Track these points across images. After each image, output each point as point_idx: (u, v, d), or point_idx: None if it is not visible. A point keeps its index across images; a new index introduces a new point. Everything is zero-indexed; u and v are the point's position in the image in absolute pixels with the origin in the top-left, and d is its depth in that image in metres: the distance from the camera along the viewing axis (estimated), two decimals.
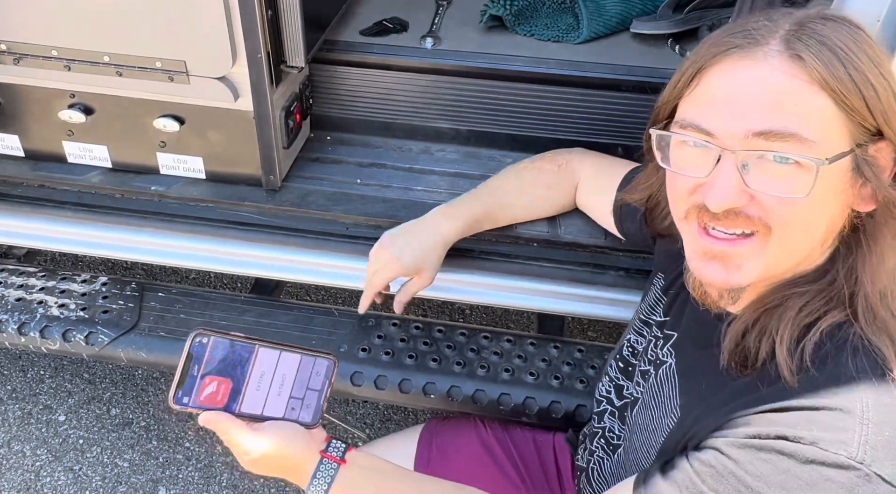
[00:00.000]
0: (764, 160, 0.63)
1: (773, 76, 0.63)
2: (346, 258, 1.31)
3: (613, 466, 0.94)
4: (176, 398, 0.77)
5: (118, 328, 1.24)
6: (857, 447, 0.61)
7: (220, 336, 0.78)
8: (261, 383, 0.79)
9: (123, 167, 1.34)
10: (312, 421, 0.81)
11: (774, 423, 0.64)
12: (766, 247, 0.67)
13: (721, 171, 0.65)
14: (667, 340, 0.86)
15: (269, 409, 0.80)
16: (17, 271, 1.36)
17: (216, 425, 0.78)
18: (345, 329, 1.25)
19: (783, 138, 0.62)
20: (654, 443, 0.81)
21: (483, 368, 1.19)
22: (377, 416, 1.85)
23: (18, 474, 1.70)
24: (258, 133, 1.24)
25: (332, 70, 1.39)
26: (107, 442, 1.77)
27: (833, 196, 0.66)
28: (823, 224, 0.67)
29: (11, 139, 1.34)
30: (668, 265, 0.93)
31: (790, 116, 0.62)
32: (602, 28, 1.43)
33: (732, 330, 0.71)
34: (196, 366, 0.77)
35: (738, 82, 0.64)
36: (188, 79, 1.18)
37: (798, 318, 0.68)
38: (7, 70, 1.23)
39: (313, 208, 1.30)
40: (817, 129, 0.62)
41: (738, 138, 0.64)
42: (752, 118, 0.63)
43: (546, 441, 1.15)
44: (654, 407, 0.83)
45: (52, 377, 1.90)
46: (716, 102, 0.65)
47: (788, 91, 0.62)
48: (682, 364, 0.82)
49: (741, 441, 0.65)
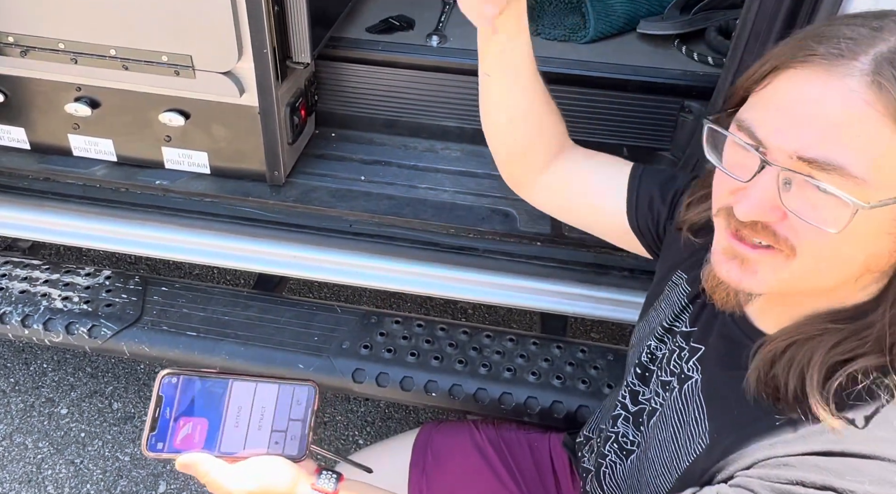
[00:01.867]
0: (808, 184, 0.58)
1: (846, 99, 0.56)
2: (349, 255, 1.31)
3: (627, 470, 0.91)
4: (150, 445, 0.72)
5: (121, 321, 1.24)
6: None
7: (189, 375, 0.74)
8: (239, 419, 0.74)
9: (128, 161, 1.34)
10: (300, 454, 0.76)
11: (820, 470, 0.59)
12: (787, 266, 0.63)
13: (760, 181, 0.61)
14: (693, 353, 0.83)
15: (251, 445, 0.75)
16: (22, 264, 1.36)
17: (194, 467, 0.72)
18: (347, 326, 1.25)
19: (827, 170, 0.57)
20: (675, 463, 0.78)
21: (485, 367, 1.19)
22: (378, 414, 1.85)
23: (20, 466, 1.71)
24: (263, 129, 1.24)
25: (337, 67, 1.39)
26: (108, 436, 1.78)
27: (876, 237, 0.61)
28: (860, 260, 0.62)
29: (17, 132, 1.35)
30: (692, 268, 0.88)
31: (846, 148, 0.57)
32: (608, 28, 1.42)
33: (761, 355, 0.68)
34: (168, 409, 0.72)
35: (805, 95, 0.59)
36: (194, 73, 1.18)
37: (829, 355, 0.64)
38: (14, 63, 1.23)
39: (317, 205, 1.30)
40: (872, 168, 0.56)
41: (784, 156, 0.59)
42: (804, 140, 0.58)
43: (542, 444, 1.14)
44: (679, 426, 0.79)
45: (55, 371, 1.91)
46: (777, 111, 0.61)
47: (854, 120, 0.56)
48: (708, 385, 0.78)
49: (782, 488, 0.60)
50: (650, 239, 0.96)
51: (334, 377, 1.19)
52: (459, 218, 1.29)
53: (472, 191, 1.34)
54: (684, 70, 1.33)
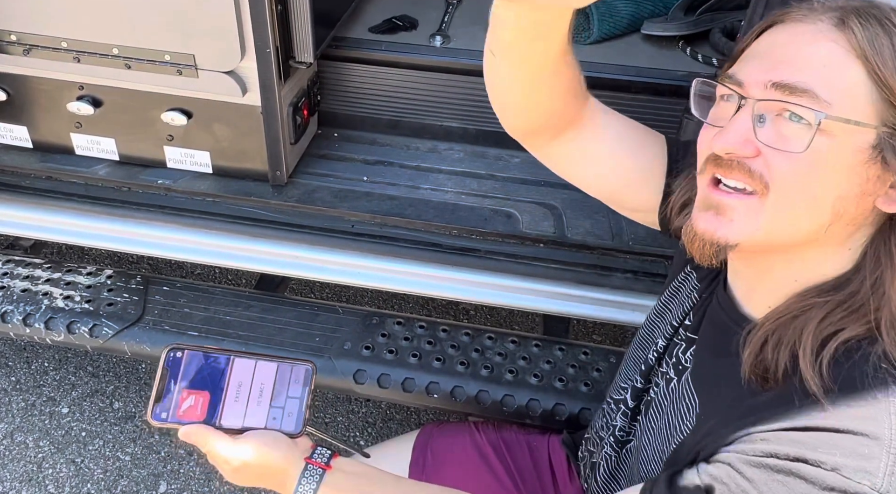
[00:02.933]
0: (781, 118, 0.63)
1: (815, 38, 0.63)
2: (351, 256, 1.31)
3: (620, 462, 0.93)
4: (154, 414, 0.76)
5: (122, 320, 1.24)
6: (882, 477, 0.58)
7: (194, 350, 0.78)
8: (239, 394, 0.79)
9: (131, 160, 1.34)
10: (296, 430, 0.79)
11: (794, 443, 0.61)
12: (763, 208, 0.65)
13: (736, 118, 0.65)
14: (689, 344, 0.84)
15: (250, 420, 0.78)
16: (24, 263, 1.36)
17: (195, 437, 0.76)
18: (349, 327, 1.25)
19: (796, 93, 0.62)
20: (664, 449, 0.80)
21: (487, 368, 1.19)
22: (379, 415, 1.84)
23: (21, 465, 1.70)
24: (265, 128, 1.24)
25: (340, 67, 1.39)
26: (109, 435, 1.77)
27: (843, 170, 0.63)
28: (828, 200, 0.64)
29: (20, 130, 1.35)
30: (701, 266, 0.86)
31: (813, 73, 0.62)
32: (612, 29, 1.42)
33: (752, 340, 0.69)
34: (172, 381, 0.77)
35: (782, 40, 0.66)
36: (196, 72, 1.17)
37: (819, 329, 0.65)
38: (16, 61, 1.23)
39: (319, 205, 1.30)
40: (837, 93, 0.61)
41: (758, 88, 0.64)
42: (775, 69, 0.64)
43: (541, 444, 1.14)
44: (671, 412, 0.81)
45: (56, 370, 1.91)
46: (755, 57, 0.67)
47: (821, 52, 0.62)
48: (699, 371, 0.80)
49: (757, 460, 0.62)
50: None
51: (336, 377, 1.19)
52: (462, 219, 1.29)
53: (475, 192, 1.34)
54: (688, 71, 1.33)
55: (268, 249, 1.32)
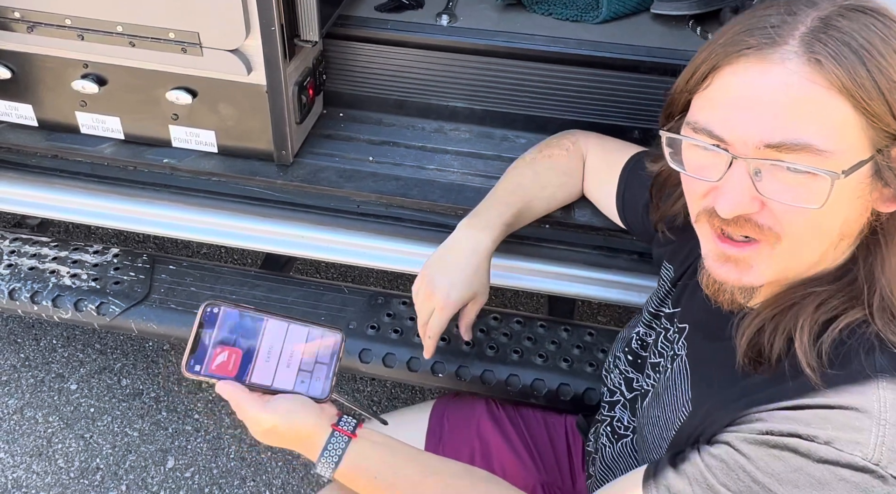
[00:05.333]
0: (778, 168, 0.61)
1: (790, 82, 0.59)
2: (356, 236, 1.31)
3: (616, 454, 0.95)
4: (188, 366, 0.78)
5: (129, 298, 1.25)
6: (873, 448, 0.60)
7: (230, 307, 0.80)
8: (270, 354, 0.81)
9: (136, 139, 1.34)
10: (322, 395, 0.82)
11: (789, 420, 0.63)
12: (774, 253, 0.66)
13: (732, 176, 0.63)
14: (680, 333, 0.85)
15: (279, 381, 0.81)
16: (31, 241, 1.36)
17: (230, 395, 0.79)
18: (354, 306, 1.25)
19: (795, 151, 0.60)
20: (666, 436, 0.81)
21: (492, 349, 1.19)
22: (384, 394, 1.86)
23: (31, 439, 1.73)
24: (271, 107, 1.23)
25: (345, 46, 1.38)
26: (117, 412, 1.79)
27: (849, 203, 0.64)
28: (837, 228, 0.65)
29: (25, 109, 1.34)
30: (674, 256, 0.92)
31: (805, 126, 0.59)
32: (622, 8, 1.40)
33: (747, 328, 0.70)
34: (207, 335, 0.79)
35: (752, 86, 0.61)
36: (201, 51, 1.17)
37: (816, 315, 0.67)
38: (21, 38, 1.22)
39: (324, 185, 1.29)
40: (834, 139, 0.60)
41: (750, 147, 0.62)
42: (764, 128, 0.60)
43: (557, 423, 1.15)
44: (667, 401, 0.82)
45: (65, 347, 1.92)
46: (728, 107, 0.63)
47: (805, 99, 0.59)
48: (693, 356, 0.81)
49: (754, 438, 0.64)
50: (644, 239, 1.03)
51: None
52: (468, 199, 1.28)
53: (481, 172, 1.33)
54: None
55: (273, 228, 1.32)
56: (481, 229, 1.06)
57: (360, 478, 0.79)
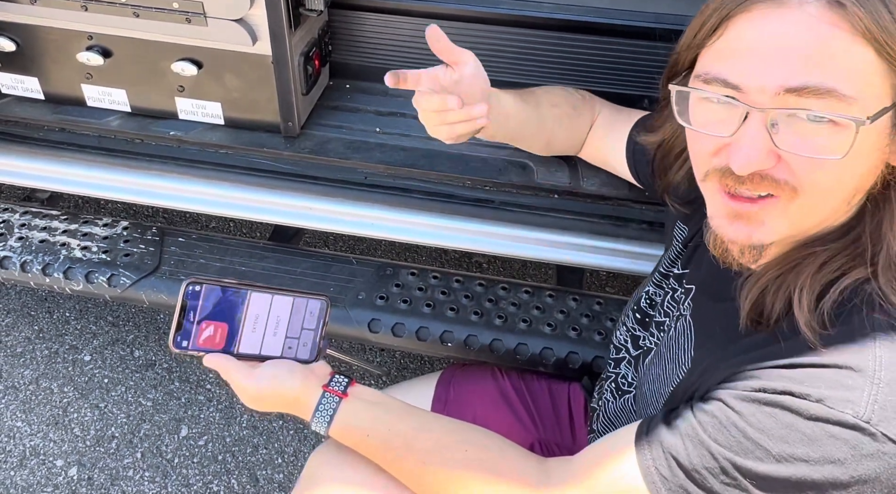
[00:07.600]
0: (796, 118, 0.59)
1: (810, 25, 0.57)
2: (364, 207, 1.30)
3: (618, 409, 0.96)
4: (175, 342, 0.81)
5: (139, 270, 1.26)
6: (864, 406, 0.60)
7: (211, 284, 0.82)
8: (256, 325, 0.83)
9: (142, 112, 1.34)
10: (310, 358, 0.85)
11: (782, 378, 0.63)
12: (790, 208, 0.64)
13: (748, 130, 0.60)
14: (687, 294, 0.85)
15: (267, 349, 0.84)
16: (41, 214, 1.37)
17: (217, 365, 0.82)
18: (363, 277, 1.26)
19: (819, 95, 0.57)
20: (664, 392, 0.82)
21: (500, 318, 1.20)
22: (394, 364, 1.88)
23: (47, 409, 1.76)
24: (276, 78, 1.22)
25: (351, 16, 1.36)
26: (131, 382, 1.82)
27: (868, 154, 0.62)
28: (853, 183, 0.64)
29: (31, 82, 1.34)
30: (688, 217, 0.91)
31: (828, 70, 0.57)
32: None
33: (751, 289, 0.70)
34: (192, 313, 0.81)
35: (770, 32, 0.58)
36: (206, 21, 1.16)
37: (819, 275, 0.66)
38: (25, 10, 1.21)
39: (332, 156, 1.29)
40: (857, 84, 0.57)
41: (768, 95, 0.59)
42: (784, 72, 0.58)
43: (561, 388, 1.17)
44: (669, 359, 0.83)
45: (77, 319, 1.95)
46: (744, 54, 0.60)
47: (827, 42, 0.57)
48: (698, 316, 0.81)
49: (746, 394, 0.64)
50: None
51: (350, 326, 1.21)
52: (476, 170, 1.28)
53: (489, 143, 1.32)
54: None
55: (281, 200, 1.33)
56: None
57: (353, 437, 0.81)
